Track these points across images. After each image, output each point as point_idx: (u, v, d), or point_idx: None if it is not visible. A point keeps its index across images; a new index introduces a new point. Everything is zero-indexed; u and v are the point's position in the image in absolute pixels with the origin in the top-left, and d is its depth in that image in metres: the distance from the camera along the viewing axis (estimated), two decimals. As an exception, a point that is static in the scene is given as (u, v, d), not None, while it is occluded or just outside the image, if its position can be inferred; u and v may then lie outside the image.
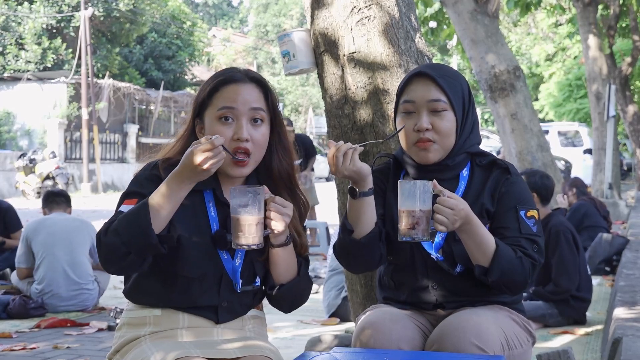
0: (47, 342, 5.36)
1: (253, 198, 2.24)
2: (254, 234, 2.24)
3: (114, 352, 2.44)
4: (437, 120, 2.51)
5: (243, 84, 2.41)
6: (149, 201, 2.23)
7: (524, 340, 2.53)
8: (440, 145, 2.52)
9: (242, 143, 2.35)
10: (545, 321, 5.82)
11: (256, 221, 2.24)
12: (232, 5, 66.54)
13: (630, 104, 20.05)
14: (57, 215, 6.58)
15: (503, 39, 9.87)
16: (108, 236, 2.25)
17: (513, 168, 2.58)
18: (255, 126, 2.39)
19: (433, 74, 2.54)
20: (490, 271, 2.41)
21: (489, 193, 2.54)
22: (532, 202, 2.57)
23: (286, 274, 2.45)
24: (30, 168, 21.88)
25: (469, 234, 2.40)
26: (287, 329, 5.77)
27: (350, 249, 2.55)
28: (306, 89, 47.24)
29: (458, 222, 2.34)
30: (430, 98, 2.52)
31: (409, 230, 2.31)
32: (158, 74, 32.94)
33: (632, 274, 6.40)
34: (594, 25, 16.53)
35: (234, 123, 2.37)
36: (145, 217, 2.21)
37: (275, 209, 2.30)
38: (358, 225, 2.50)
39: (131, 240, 2.22)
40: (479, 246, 2.41)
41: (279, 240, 2.38)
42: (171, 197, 2.23)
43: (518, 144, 9.54)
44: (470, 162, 2.60)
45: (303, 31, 3.58)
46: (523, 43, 34.95)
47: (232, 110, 2.37)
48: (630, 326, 4.21)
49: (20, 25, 28.25)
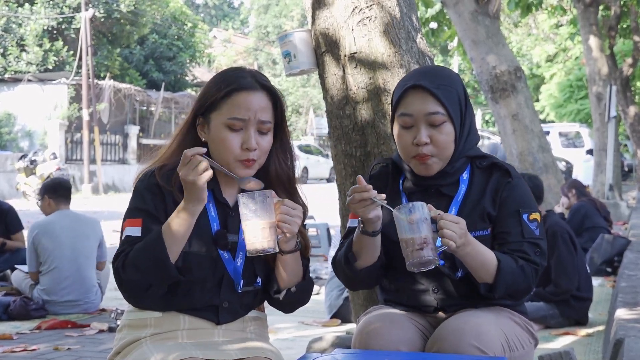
0: (48, 343, 5.35)
1: (262, 202, 2.23)
2: (268, 237, 2.23)
3: (114, 354, 2.43)
4: (435, 134, 2.48)
5: (254, 92, 2.40)
6: (164, 233, 2.27)
7: (526, 342, 2.51)
8: (439, 157, 2.49)
9: (250, 154, 2.37)
10: (547, 322, 5.81)
11: (269, 225, 2.24)
12: (232, 7, 66.56)
13: (631, 105, 20.04)
14: (63, 216, 6.43)
15: (504, 40, 9.87)
16: (127, 273, 2.30)
17: (513, 170, 2.55)
18: (262, 135, 2.41)
19: (429, 86, 2.48)
20: (495, 287, 2.41)
21: (490, 196, 2.51)
22: (534, 204, 2.55)
23: (293, 279, 2.45)
24: (31, 169, 21.85)
25: (471, 255, 2.38)
26: (288, 330, 5.76)
27: (348, 274, 2.56)
28: (307, 90, 47.23)
29: (464, 238, 2.31)
30: (428, 111, 2.48)
31: (418, 251, 2.25)
32: (159, 75, 32.95)
33: (633, 275, 6.39)
34: (595, 26, 16.52)
35: (242, 132, 2.38)
36: (162, 251, 2.26)
37: (286, 211, 2.29)
38: (362, 257, 2.50)
39: (151, 275, 2.29)
40: (482, 265, 2.40)
41: (289, 246, 2.37)
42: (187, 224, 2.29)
43: (519, 145, 9.54)
44: (470, 165, 2.57)
45: (304, 32, 3.58)
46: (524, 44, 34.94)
47: (243, 121, 2.38)
48: (633, 327, 4.20)
49: (22, 27, 28.29)
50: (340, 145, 3.49)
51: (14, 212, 7.70)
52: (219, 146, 2.39)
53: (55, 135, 25.48)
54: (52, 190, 6.58)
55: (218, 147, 2.39)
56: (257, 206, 2.23)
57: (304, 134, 44.82)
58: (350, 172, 3.47)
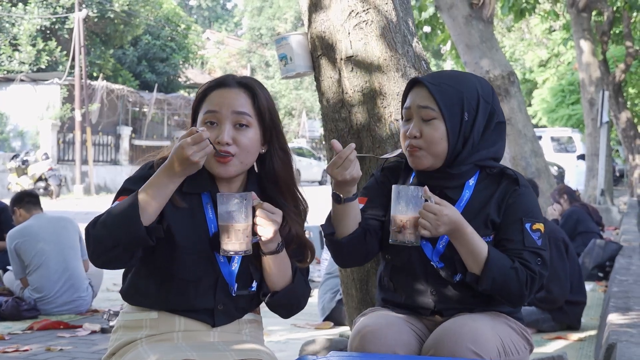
0: (40, 344, 5.34)
1: (239, 204, 2.24)
2: (240, 240, 2.24)
3: (109, 355, 2.43)
4: (425, 128, 2.52)
5: (230, 88, 2.42)
6: (138, 194, 2.24)
7: (521, 348, 2.52)
8: (428, 152, 2.52)
9: (224, 146, 2.35)
10: (539, 326, 5.83)
11: (243, 227, 2.24)
12: (226, 9, 66.51)
13: (623, 110, 20.14)
14: (37, 219, 6.45)
15: (497, 45, 9.90)
16: (96, 229, 2.25)
17: (522, 179, 2.56)
18: (240, 130, 2.39)
19: (427, 81, 2.54)
20: (481, 279, 2.42)
21: (496, 204, 2.52)
22: (540, 214, 2.54)
23: (279, 281, 2.44)
24: (23, 169, 21.83)
25: (459, 241, 2.43)
26: (281, 333, 5.76)
27: (333, 247, 2.62)
28: (300, 93, 47.24)
29: (442, 228, 2.37)
30: (420, 104, 2.54)
31: (396, 233, 2.40)
32: (152, 76, 32.91)
33: (625, 280, 6.41)
34: (587, 31, 16.57)
35: (217, 127, 2.38)
36: (133, 209, 2.21)
37: (263, 214, 2.29)
38: (339, 227, 2.56)
39: (119, 232, 2.22)
40: (470, 254, 2.43)
41: (269, 248, 2.37)
42: (160, 190, 2.24)
43: (512, 150, 9.56)
44: (479, 172, 2.58)
45: (300, 34, 3.58)
46: (517, 49, 35.00)
47: (216, 114, 2.38)
48: (625, 332, 4.21)
49: (15, 27, 28.21)
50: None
51: (9, 212, 7.67)
52: None
53: (47, 135, 25.41)
54: (18, 201, 6.67)
55: None
56: (234, 208, 2.24)
57: (297, 136, 44.83)
58: (345, 175, 3.47)
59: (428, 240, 2.52)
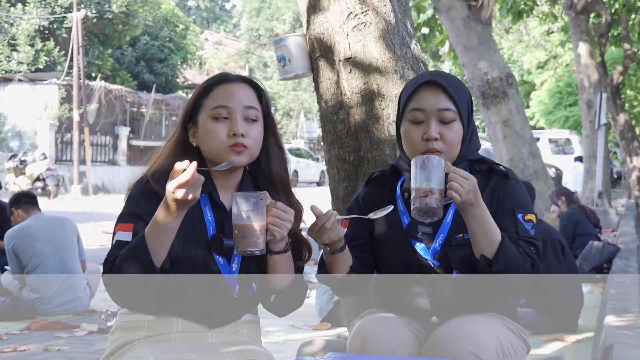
0: (38, 344, 5.34)
1: (256, 203, 2.24)
2: (257, 239, 2.24)
3: (107, 356, 2.43)
4: (445, 131, 2.50)
5: (236, 83, 2.44)
6: (147, 237, 2.21)
7: (519, 349, 2.53)
8: (447, 155, 2.50)
9: (239, 139, 2.36)
10: (536, 328, 5.82)
11: (259, 227, 2.25)
12: (224, 9, 66.49)
13: (621, 113, 20.15)
14: (35, 219, 6.45)
15: (496, 46, 9.90)
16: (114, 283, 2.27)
17: (512, 173, 2.58)
18: (250, 123, 2.41)
19: (443, 82, 2.52)
20: (495, 262, 2.38)
21: (487, 199, 2.52)
22: (530, 206, 2.56)
23: (284, 280, 2.45)
24: (21, 169, 21.82)
25: (477, 220, 2.38)
26: (279, 334, 5.76)
27: (329, 283, 2.64)
28: (298, 94, 47.25)
29: (471, 194, 2.32)
30: (440, 107, 2.50)
31: (422, 199, 2.29)
32: (150, 77, 32.89)
33: (622, 282, 6.42)
34: (585, 33, 16.58)
35: (228, 121, 2.38)
36: (145, 256, 2.21)
37: (277, 214, 2.30)
38: (333, 271, 2.55)
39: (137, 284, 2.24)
40: (486, 234, 2.39)
41: (278, 247, 2.38)
42: (167, 228, 2.21)
43: (510, 151, 9.56)
44: (469, 170, 2.59)
45: (299, 36, 3.59)
46: (515, 50, 35.02)
47: (226, 109, 2.39)
48: (622, 334, 4.22)
49: (13, 27, 28.18)
50: (333, 150, 3.51)
51: (7, 212, 7.65)
52: (207, 139, 2.40)
53: (45, 135, 25.39)
54: (16, 201, 6.70)
55: (207, 140, 2.40)
56: (250, 207, 2.23)
57: (295, 137, 44.83)
58: (344, 177, 3.48)
59: (422, 241, 2.53)
